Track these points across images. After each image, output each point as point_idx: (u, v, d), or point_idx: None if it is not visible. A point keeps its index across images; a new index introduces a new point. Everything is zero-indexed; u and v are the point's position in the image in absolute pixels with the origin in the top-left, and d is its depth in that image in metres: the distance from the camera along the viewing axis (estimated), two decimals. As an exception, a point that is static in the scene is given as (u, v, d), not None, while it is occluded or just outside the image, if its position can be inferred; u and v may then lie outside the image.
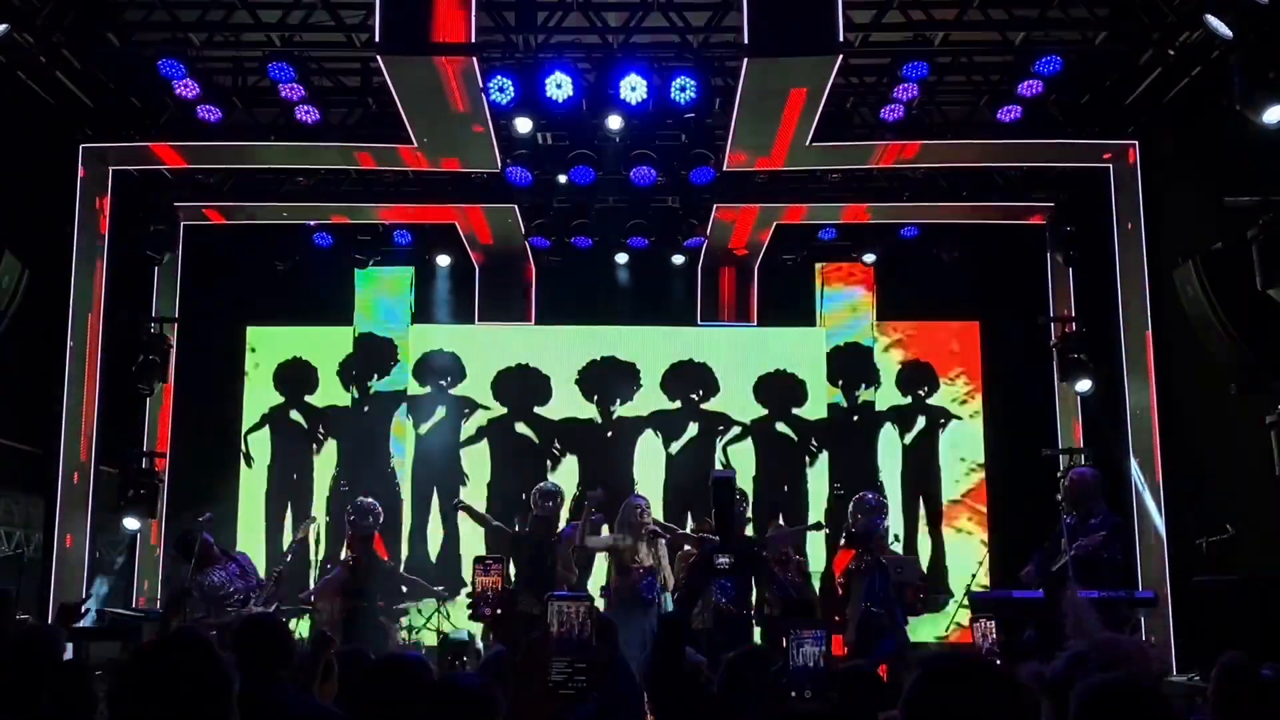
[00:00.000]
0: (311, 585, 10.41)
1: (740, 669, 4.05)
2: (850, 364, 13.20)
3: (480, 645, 9.22)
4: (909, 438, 13.11)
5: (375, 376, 13.18)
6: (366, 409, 13.12)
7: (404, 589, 10.47)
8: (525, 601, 9.18)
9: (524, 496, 10.67)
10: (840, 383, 13.21)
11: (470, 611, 9.38)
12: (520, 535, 9.96)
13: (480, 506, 11.57)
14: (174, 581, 9.07)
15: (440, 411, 13.09)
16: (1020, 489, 12.03)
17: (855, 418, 13.17)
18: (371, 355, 13.19)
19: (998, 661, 7.22)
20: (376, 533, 10.09)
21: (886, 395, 13.19)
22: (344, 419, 13.08)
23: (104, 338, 10.49)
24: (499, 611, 8.97)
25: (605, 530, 9.93)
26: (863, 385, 13.19)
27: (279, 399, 13.08)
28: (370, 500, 10.19)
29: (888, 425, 13.14)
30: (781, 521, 11.98)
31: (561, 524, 10.22)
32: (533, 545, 9.73)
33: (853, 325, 13.29)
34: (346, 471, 12.82)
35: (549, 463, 12.93)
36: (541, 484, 10.25)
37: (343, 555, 10.30)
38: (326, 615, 9.57)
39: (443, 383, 13.14)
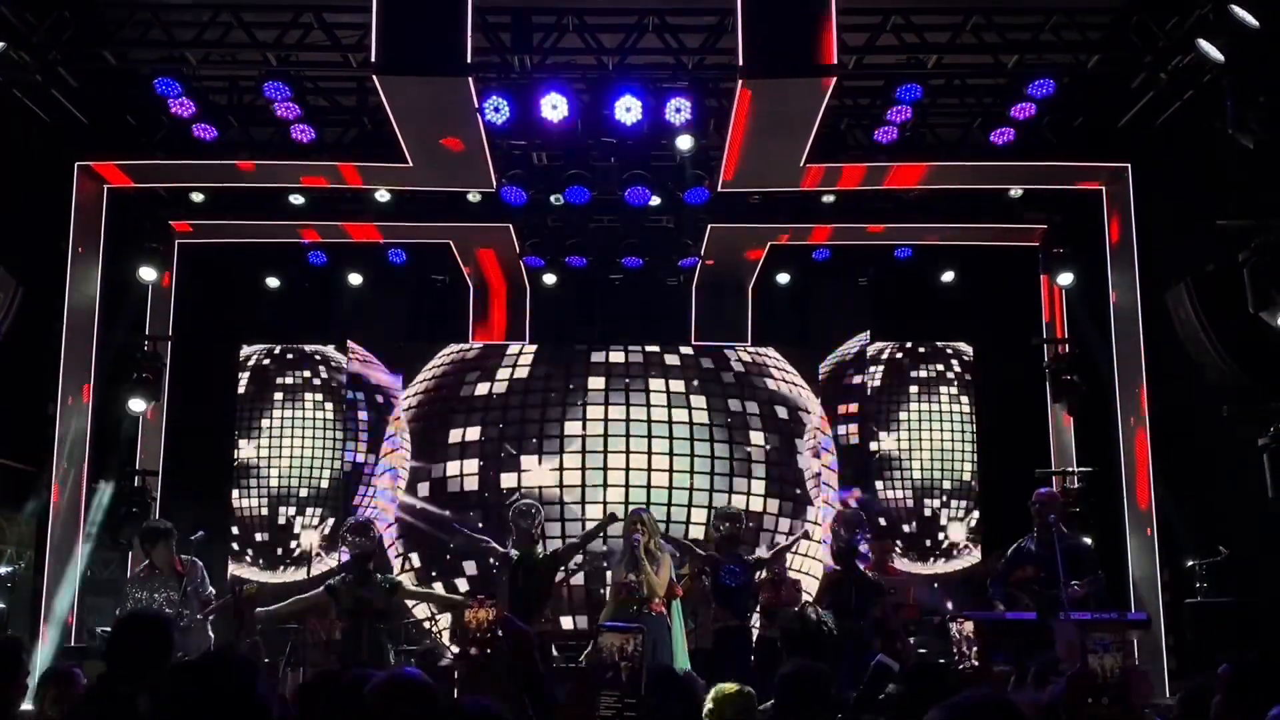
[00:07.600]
0: None
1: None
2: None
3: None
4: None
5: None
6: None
7: (410, 603, 10.30)
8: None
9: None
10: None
11: (456, 649, 8.98)
12: (510, 557, 9.74)
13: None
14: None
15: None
16: (1013, 509, 11.97)
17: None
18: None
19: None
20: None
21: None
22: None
23: (98, 355, 10.46)
24: (488, 651, 8.27)
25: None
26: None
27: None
28: (365, 519, 10.09)
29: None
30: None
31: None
32: (522, 566, 9.48)
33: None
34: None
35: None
36: (518, 504, 9.98)
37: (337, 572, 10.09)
38: (322, 635, 9.39)
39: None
